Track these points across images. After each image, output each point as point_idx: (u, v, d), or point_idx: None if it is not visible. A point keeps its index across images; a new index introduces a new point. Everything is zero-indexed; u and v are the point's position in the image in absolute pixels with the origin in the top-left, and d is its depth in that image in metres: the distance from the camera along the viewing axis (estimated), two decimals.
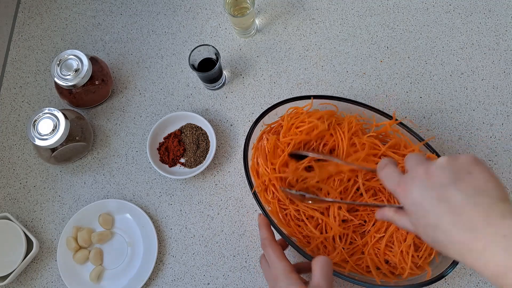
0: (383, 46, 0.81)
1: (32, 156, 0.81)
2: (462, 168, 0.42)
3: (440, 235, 0.41)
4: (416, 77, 0.79)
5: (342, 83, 0.80)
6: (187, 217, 0.76)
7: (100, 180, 0.79)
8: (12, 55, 0.87)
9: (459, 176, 0.41)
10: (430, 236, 0.42)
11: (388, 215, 0.50)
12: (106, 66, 0.80)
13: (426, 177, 0.43)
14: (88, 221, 0.75)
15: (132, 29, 0.87)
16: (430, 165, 0.44)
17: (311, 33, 0.83)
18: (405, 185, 0.45)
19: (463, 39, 0.80)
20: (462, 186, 0.41)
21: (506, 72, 0.77)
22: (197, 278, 0.73)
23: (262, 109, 0.79)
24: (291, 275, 0.52)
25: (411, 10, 0.82)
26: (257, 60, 0.82)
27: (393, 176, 0.48)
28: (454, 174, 0.42)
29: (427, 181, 0.43)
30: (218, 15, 0.86)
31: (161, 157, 0.77)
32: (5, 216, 0.74)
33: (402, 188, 0.45)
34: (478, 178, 0.41)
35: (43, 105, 0.84)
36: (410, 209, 0.44)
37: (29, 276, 0.75)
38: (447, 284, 0.68)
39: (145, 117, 0.81)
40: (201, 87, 0.82)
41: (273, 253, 0.55)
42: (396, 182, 0.47)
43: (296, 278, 0.52)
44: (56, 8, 0.90)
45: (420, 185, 0.43)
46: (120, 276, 0.73)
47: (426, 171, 0.44)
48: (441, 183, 0.42)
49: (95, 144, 0.81)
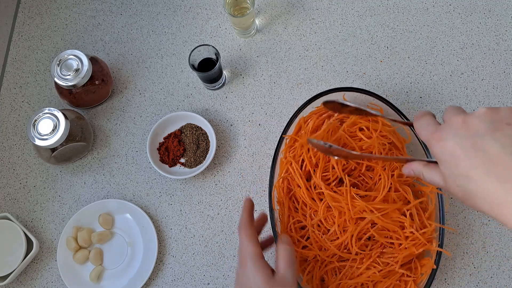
0: (383, 46, 0.81)
1: (32, 156, 0.81)
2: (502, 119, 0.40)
3: (472, 186, 0.40)
4: (416, 77, 0.79)
5: (342, 83, 0.80)
6: (187, 217, 0.76)
7: (100, 180, 0.79)
8: (12, 55, 0.87)
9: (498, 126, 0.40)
10: (461, 187, 0.41)
11: (418, 168, 0.48)
12: (106, 66, 0.80)
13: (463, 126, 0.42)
14: (88, 221, 0.75)
15: (132, 29, 0.87)
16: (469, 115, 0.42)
17: (311, 33, 0.83)
18: (440, 133, 0.43)
19: (463, 39, 0.80)
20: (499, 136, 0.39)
21: (506, 72, 0.77)
22: (197, 278, 0.73)
23: (262, 109, 0.79)
24: (259, 262, 0.51)
25: (411, 10, 0.82)
26: (257, 60, 0.82)
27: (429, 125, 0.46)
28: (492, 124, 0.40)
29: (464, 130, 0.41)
30: (218, 15, 0.86)
31: (161, 157, 0.77)
32: (5, 216, 0.74)
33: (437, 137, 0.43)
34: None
35: (43, 105, 0.84)
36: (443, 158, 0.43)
37: (29, 276, 0.75)
38: (447, 284, 0.68)
39: (145, 117, 0.81)
40: (201, 87, 0.82)
41: (246, 236, 0.54)
42: (431, 131, 0.45)
43: (264, 265, 0.51)
44: (56, 8, 0.90)
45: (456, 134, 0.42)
46: (120, 276, 0.73)
47: (463, 120, 0.42)
48: (477, 133, 0.40)
49: (95, 144, 0.81)
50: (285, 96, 0.80)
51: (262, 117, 0.79)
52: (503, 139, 0.39)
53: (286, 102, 0.79)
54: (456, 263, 0.69)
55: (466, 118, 0.42)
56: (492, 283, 0.68)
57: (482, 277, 0.68)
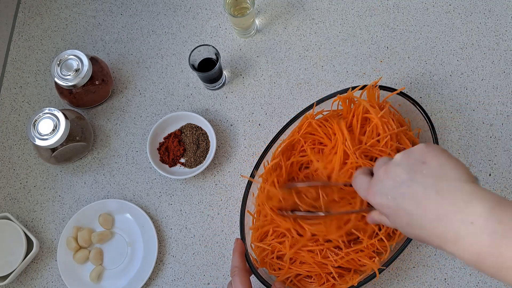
0: (383, 46, 0.81)
1: (32, 156, 0.81)
2: (416, 160, 0.41)
3: (417, 231, 0.41)
4: (416, 77, 0.79)
5: (342, 83, 0.80)
6: (187, 217, 0.76)
7: (100, 180, 0.79)
8: (12, 55, 0.87)
9: (415, 168, 0.41)
10: (409, 233, 0.42)
11: (375, 218, 0.50)
12: (106, 66, 0.80)
13: (386, 177, 0.43)
14: (88, 221, 0.75)
15: (132, 29, 0.87)
16: (389, 164, 0.44)
17: (311, 33, 0.83)
18: (371, 190, 0.45)
19: (463, 39, 0.80)
20: (419, 178, 0.40)
21: (506, 72, 0.77)
22: (197, 278, 0.73)
23: (262, 109, 0.79)
24: None
25: (411, 10, 0.82)
26: (257, 60, 0.82)
27: (363, 183, 0.47)
28: (409, 168, 0.41)
29: (388, 180, 0.42)
30: (218, 15, 0.86)
31: (161, 157, 0.77)
32: (5, 216, 0.74)
33: (371, 193, 0.45)
34: (433, 165, 0.40)
35: (43, 105, 0.84)
36: (383, 212, 0.44)
37: (29, 276, 0.75)
38: (447, 284, 0.69)
39: (145, 117, 0.81)
40: (201, 87, 0.82)
41: (240, 283, 0.55)
42: (365, 188, 0.46)
43: None
44: (56, 8, 0.90)
45: (381, 187, 0.43)
46: (120, 276, 0.73)
47: (385, 171, 0.43)
48: (399, 181, 0.41)
49: (95, 144, 0.81)
50: (285, 96, 0.80)
51: (262, 117, 0.79)
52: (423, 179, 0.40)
53: (286, 102, 0.80)
54: (456, 263, 0.69)
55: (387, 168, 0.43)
56: (492, 283, 0.68)
57: (482, 277, 0.68)
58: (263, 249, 0.65)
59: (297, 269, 0.63)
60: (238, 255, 0.59)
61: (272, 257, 0.65)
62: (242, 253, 0.60)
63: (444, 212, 0.38)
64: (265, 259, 0.65)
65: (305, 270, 0.63)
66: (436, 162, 0.40)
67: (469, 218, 0.36)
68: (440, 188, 0.39)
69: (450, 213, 0.37)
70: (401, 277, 0.69)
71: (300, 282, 0.64)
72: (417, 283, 0.69)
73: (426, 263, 0.69)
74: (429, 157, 0.41)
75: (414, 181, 0.40)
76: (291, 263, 0.64)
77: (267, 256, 0.65)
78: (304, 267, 0.63)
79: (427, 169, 0.40)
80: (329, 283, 0.62)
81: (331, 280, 0.62)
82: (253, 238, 0.67)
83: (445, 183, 0.39)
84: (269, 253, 0.65)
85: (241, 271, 0.56)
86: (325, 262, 0.62)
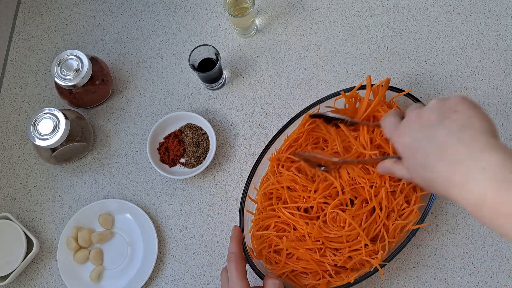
0: (383, 46, 0.81)
1: (32, 156, 0.81)
2: (449, 108, 0.44)
3: (428, 173, 0.43)
4: (416, 77, 0.79)
5: (342, 83, 0.80)
6: (187, 217, 0.76)
7: (100, 180, 0.79)
8: (12, 55, 0.87)
9: (446, 115, 0.43)
10: (421, 176, 0.44)
11: (388, 166, 0.52)
12: (106, 66, 0.80)
13: (416, 120, 0.45)
14: (88, 221, 0.75)
15: (132, 29, 0.87)
16: (422, 109, 0.46)
17: (311, 33, 0.83)
18: (399, 130, 0.47)
19: (463, 39, 0.80)
20: (447, 123, 0.42)
21: (506, 72, 0.77)
22: (197, 278, 0.73)
23: (262, 109, 0.79)
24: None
25: (411, 10, 0.82)
26: (257, 60, 0.82)
27: (391, 124, 0.50)
28: (441, 114, 0.43)
29: (418, 123, 0.45)
30: (218, 15, 0.86)
31: (161, 157, 0.77)
32: (5, 216, 0.74)
33: (397, 134, 0.47)
34: (463, 115, 0.42)
35: (43, 105, 0.84)
36: (403, 153, 0.46)
37: (29, 276, 0.75)
38: (447, 284, 0.69)
39: (145, 117, 0.81)
40: (201, 87, 0.82)
41: (235, 270, 0.55)
42: (393, 129, 0.49)
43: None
44: (56, 8, 0.90)
45: (411, 128, 0.45)
46: (120, 276, 0.73)
47: (417, 114, 0.46)
48: (429, 124, 0.44)
49: (95, 144, 0.81)
50: (285, 96, 0.80)
51: (262, 117, 0.79)
52: (450, 125, 0.42)
53: (286, 102, 0.80)
54: (456, 263, 0.69)
55: (419, 112, 0.46)
56: (492, 283, 0.68)
57: (482, 277, 0.68)
58: (262, 242, 0.66)
59: (294, 265, 0.63)
60: (235, 242, 0.59)
61: (269, 251, 0.65)
62: (239, 240, 0.60)
63: (460, 157, 0.40)
64: (262, 251, 0.65)
65: (302, 266, 0.63)
66: (466, 113, 0.42)
67: (482, 164, 0.38)
68: (462, 136, 0.41)
69: (465, 159, 0.39)
70: (401, 277, 0.69)
71: (295, 277, 0.65)
72: (417, 283, 0.69)
73: (426, 263, 0.69)
74: (462, 107, 0.43)
75: (441, 125, 0.43)
76: (288, 258, 0.64)
77: (265, 249, 0.65)
78: (301, 263, 0.63)
79: (456, 117, 0.42)
80: (325, 280, 0.63)
81: (327, 277, 0.63)
82: (252, 230, 0.67)
83: (468, 132, 0.41)
84: (267, 246, 0.65)
85: (237, 257, 0.56)
86: (322, 260, 0.62)
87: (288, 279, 0.64)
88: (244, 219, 0.67)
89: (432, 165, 0.42)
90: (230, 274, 0.55)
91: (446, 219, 0.71)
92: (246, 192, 0.68)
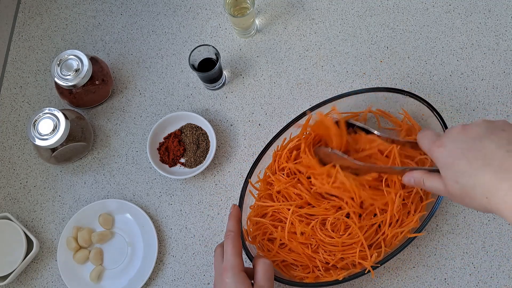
0: (383, 46, 0.81)
1: (32, 156, 0.81)
2: (497, 126, 0.44)
3: (468, 179, 0.42)
4: (416, 77, 0.79)
5: (342, 83, 0.80)
6: (187, 217, 0.76)
7: (100, 180, 0.79)
8: (12, 55, 0.87)
9: (494, 131, 0.43)
10: (460, 184, 0.44)
11: (418, 176, 0.52)
12: (106, 66, 0.80)
13: (462, 132, 0.45)
14: (88, 221, 0.75)
15: (132, 29, 0.87)
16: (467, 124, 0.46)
17: (311, 33, 0.83)
18: (440, 141, 0.47)
19: (463, 39, 0.80)
20: (495, 138, 0.42)
21: (506, 72, 0.77)
22: (197, 278, 0.73)
23: (262, 109, 0.79)
24: (241, 274, 0.53)
25: (411, 10, 0.82)
26: (257, 60, 0.82)
27: (430, 136, 0.50)
28: (488, 129, 0.44)
29: (462, 135, 0.45)
30: (218, 15, 0.86)
31: (161, 157, 0.77)
32: (5, 216, 0.74)
33: (438, 144, 0.47)
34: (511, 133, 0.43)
35: (43, 105, 0.84)
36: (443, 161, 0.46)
37: (29, 276, 0.75)
38: (447, 284, 0.69)
39: (145, 117, 0.81)
40: (201, 87, 0.82)
41: (232, 248, 0.55)
42: (432, 140, 0.48)
43: (244, 277, 0.53)
44: (56, 8, 0.90)
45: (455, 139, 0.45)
46: (120, 276, 0.73)
47: (462, 128, 0.46)
48: (474, 136, 0.44)
49: (95, 144, 0.81)
50: (285, 96, 0.80)
51: (262, 117, 0.79)
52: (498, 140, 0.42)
53: (286, 102, 0.80)
54: (456, 263, 0.69)
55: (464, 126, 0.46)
56: (492, 283, 0.68)
57: (482, 277, 0.68)
58: (257, 228, 0.66)
59: (285, 256, 0.64)
60: (234, 220, 0.59)
61: (263, 238, 0.66)
62: (238, 219, 0.59)
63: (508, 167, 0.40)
64: (256, 237, 0.67)
65: (293, 258, 0.64)
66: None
67: None
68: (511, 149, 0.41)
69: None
70: (401, 277, 0.69)
71: (285, 267, 0.65)
72: (417, 283, 0.69)
73: (426, 263, 0.70)
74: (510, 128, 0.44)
75: (489, 138, 0.43)
76: (280, 248, 0.65)
77: (259, 236, 0.66)
78: (293, 255, 0.64)
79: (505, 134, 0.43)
80: (314, 274, 0.63)
81: (316, 272, 0.63)
82: (250, 215, 0.68)
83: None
84: (261, 233, 0.66)
85: (235, 236, 0.56)
86: (314, 256, 0.63)
87: (278, 268, 0.65)
88: (244, 201, 0.67)
89: (475, 172, 0.42)
90: (226, 251, 0.55)
91: (446, 219, 0.71)
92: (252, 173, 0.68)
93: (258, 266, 0.55)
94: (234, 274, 0.53)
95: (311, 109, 0.69)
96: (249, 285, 0.52)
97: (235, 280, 0.52)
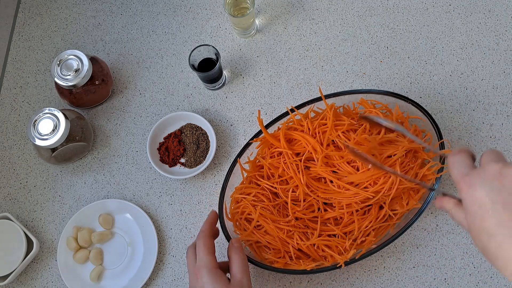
0: (383, 46, 0.81)
1: (32, 156, 0.81)
2: None
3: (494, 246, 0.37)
4: (416, 77, 0.79)
5: (342, 83, 0.80)
6: (187, 217, 0.76)
7: (100, 180, 0.79)
8: (12, 55, 0.87)
9: None
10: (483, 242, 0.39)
11: (447, 206, 0.46)
12: (106, 66, 0.80)
13: (498, 177, 0.38)
14: (88, 221, 0.75)
15: (132, 29, 0.87)
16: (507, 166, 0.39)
17: (311, 33, 0.83)
18: (471, 179, 0.40)
19: (463, 39, 0.80)
20: None
21: (506, 72, 0.77)
22: None
23: (262, 109, 0.79)
24: (215, 271, 0.53)
25: (411, 10, 0.82)
26: (257, 60, 0.82)
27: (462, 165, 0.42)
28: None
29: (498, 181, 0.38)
30: (218, 15, 0.86)
31: (161, 157, 0.77)
32: (5, 216, 0.75)
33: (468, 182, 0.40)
34: None
35: (43, 105, 0.84)
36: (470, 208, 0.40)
37: (29, 276, 0.75)
38: (447, 284, 0.69)
39: (145, 117, 0.81)
40: (201, 87, 0.82)
41: (204, 246, 0.55)
42: (463, 173, 0.41)
43: (220, 273, 0.53)
44: (56, 8, 0.90)
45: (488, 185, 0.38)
46: (120, 276, 0.73)
47: (500, 171, 0.38)
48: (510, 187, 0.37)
49: (95, 144, 0.81)
50: (285, 96, 0.80)
51: (262, 117, 0.79)
52: None
53: (286, 102, 0.80)
54: (456, 263, 0.69)
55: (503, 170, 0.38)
56: (492, 283, 0.68)
57: (482, 277, 0.68)
58: (237, 207, 0.68)
59: (259, 237, 0.65)
60: (208, 223, 0.59)
61: (241, 217, 0.67)
62: (212, 222, 0.60)
63: None
64: (235, 216, 0.68)
65: (267, 240, 0.64)
66: None
67: None
68: None
69: None
70: (401, 277, 0.69)
71: (258, 249, 0.66)
72: (417, 283, 0.69)
73: (426, 263, 0.70)
74: None
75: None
76: (256, 229, 0.65)
77: (237, 214, 0.67)
78: (267, 237, 0.65)
79: None
80: (284, 260, 0.64)
81: (287, 258, 0.64)
82: (233, 194, 0.69)
83: None
84: (240, 212, 0.67)
85: (206, 234, 0.57)
86: (288, 241, 0.63)
87: (252, 248, 0.66)
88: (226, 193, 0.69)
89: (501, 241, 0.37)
90: (198, 251, 0.56)
91: (446, 219, 0.71)
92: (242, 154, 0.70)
93: (233, 259, 0.55)
94: (208, 271, 0.53)
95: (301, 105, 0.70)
96: (225, 281, 0.52)
97: (210, 278, 0.52)
